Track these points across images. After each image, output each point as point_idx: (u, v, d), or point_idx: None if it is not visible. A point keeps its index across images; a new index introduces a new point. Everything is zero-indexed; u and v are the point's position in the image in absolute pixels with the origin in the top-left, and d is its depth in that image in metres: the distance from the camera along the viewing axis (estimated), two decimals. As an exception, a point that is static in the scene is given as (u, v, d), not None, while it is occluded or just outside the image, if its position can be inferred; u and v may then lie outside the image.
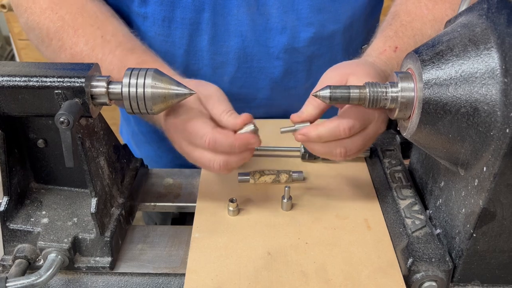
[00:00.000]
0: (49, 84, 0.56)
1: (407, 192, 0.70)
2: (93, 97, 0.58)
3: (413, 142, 0.59)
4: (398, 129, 0.62)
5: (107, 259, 0.64)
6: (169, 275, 0.64)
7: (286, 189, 0.70)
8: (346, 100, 0.59)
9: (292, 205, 0.72)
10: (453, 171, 0.59)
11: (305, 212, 0.71)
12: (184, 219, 1.05)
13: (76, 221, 0.64)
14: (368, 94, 0.58)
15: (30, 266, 0.62)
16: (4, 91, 0.56)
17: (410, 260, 0.60)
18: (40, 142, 0.63)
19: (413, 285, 0.60)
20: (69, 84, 0.56)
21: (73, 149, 0.55)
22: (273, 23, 0.85)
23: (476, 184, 0.54)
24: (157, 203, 0.78)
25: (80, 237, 0.63)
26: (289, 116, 0.66)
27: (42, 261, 0.62)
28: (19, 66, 0.58)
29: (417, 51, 0.55)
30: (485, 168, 0.52)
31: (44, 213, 0.65)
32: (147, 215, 1.23)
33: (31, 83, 0.56)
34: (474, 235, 0.56)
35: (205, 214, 0.71)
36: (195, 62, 0.89)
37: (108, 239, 0.63)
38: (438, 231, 0.63)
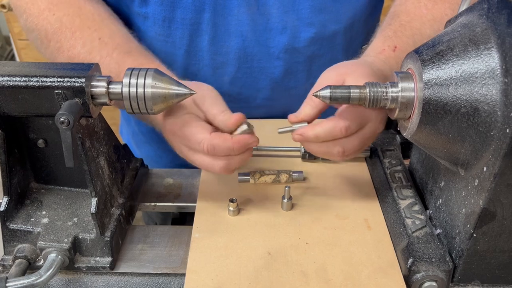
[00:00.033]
0: (49, 84, 0.56)
1: (407, 192, 0.70)
2: (93, 97, 0.58)
3: (413, 142, 0.59)
4: (398, 129, 0.62)
5: (107, 259, 0.64)
6: (169, 275, 0.64)
7: (286, 189, 0.70)
8: (347, 100, 0.59)
9: (292, 205, 0.72)
10: (453, 171, 0.59)
11: (305, 212, 0.71)
12: (184, 219, 1.05)
13: (76, 221, 0.64)
14: (368, 94, 0.58)
15: (30, 266, 0.62)
16: (4, 91, 0.56)
17: (410, 260, 0.60)
18: (40, 142, 0.63)
19: (413, 285, 0.60)
20: (69, 84, 0.56)
21: (73, 149, 0.55)
22: (273, 23, 0.85)
23: (476, 184, 0.54)
24: (157, 203, 0.78)
25: (80, 237, 0.63)
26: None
27: (42, 261, 0.62)
28: (19, 66, 0.58)
29: (417, 51, 0.55)
30: (485, 168, 0.52)
31: (44, 213, 0.65)
32: (147, 215, 1.23)
33: (31, 83, 0.56)
34: (474, 235, 0.56)
35: (205, 214, 0.71)
36: (195, 62, 0.89)
37: (108, 239, 0.63)
38: (438, 231, 0.63)
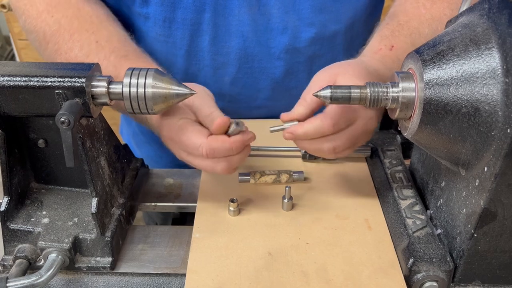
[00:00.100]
0: (49, 84, 0.56)
1: (408, 192, 0.70)
2: (93, 97, 0.58)
3: (414, 142, 0.59)
4: (398, 129, 0.62)
5: (107, 259, 0.64)
6: (169, 275, 0.64)
7: (286, 189, 0.70)
8: (347, 100, 0.59)
9: (293, 205, 0.72)
10: (454, 171, 0.59)
11: (306, 212, 0.71)
12: (184, 219, 1.05)
13: (76, 221, 0.64)
14: (369, 94, 0.58)
15: (30, 266, 0.62)
16: (4, 91, 0.56)
17: (411, 260, 0.60)
18: (40, 142, 0.63)
19: (414, 285, 0.60)
20: (69, 84, 0.56)
21: (74, 149, 0.55)
22: (274, 23, 0.85)
23: (477, 184, 0.54)
24: (157, 203, 0.77)
25: (81, 237, 0.63)
26: None
27: (42, 261, 0.62)
28: (19, 66, 0.58)
29: (418, 51, 0.55)
30: (486, 168, 0.52)
31: (44, 213, 0.65)
32: (147, 215, 1.23)
33: (31, 83, 0.56)
34: (475, 235, 0.56)
35: (205, 214, 0.71)
36: (196, 62, 0.89)
37: (109, 239, 0.63)
38: (439, 231, 0.63)
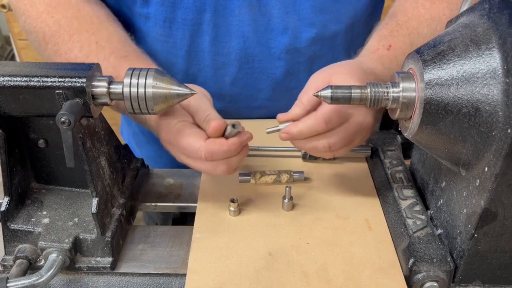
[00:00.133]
0: (50, 84, 0.56)
1: (408, 192, 0.70)
2: (94, 97, 0.58)
3: (415, 142, 0.59)
4: (399, 129, 0.62)
5: (108, 259, 0.64)
6: (170, 275, 0.64)
7: (287, 189, 0.70)
8: (348, 100, 0.59)
9: (293, 205, 0.72)
10: (454, 171, 0.59)
11: (306, 212, 0.71)
12: (185, 219, 1.05)
13: (77, 221, 0.64)
14: (369, 94, 0.58)
15: (31, 266, 0.62)
16: (5, 91, 0.56)
17: (411, 260, 0.60)
18: (41, 142, 0.63)
19: (415, 285, 0.60)
20: (70, 84, 0.56)
21: (74, 149, 0.55)
22: (274, 23, 0.85)
23: (477, 184, 0.54)
24: (158, 203, 0.77)
25: (81, 237, 0.63)
26: None
27: (43, 261, 0.62)
28: (20, 66, 0.58)
29: (418, 51, 0.55)
30: (486, 169, 0.52)
31: (45, 213, 0.65)
32: (147, 215, 1.23)
33: (32, 83, 0.56)
34: (476, 235, 0.56)
35: (206, 214, 0.71)
36: (196, 63, 0.89)
37: (109, 239, 0.63)
38: (440, 231, 0.63)
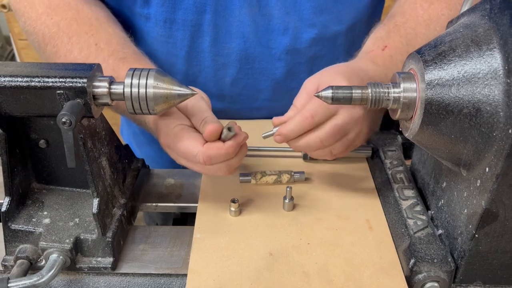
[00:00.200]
0: (51, 84, 0.56)
1: (409, 192, 0.70)
2: (95, 97, 0.58)
3: (415, 143, 0.59)
4: (400, 129, 0.62)
5: (108, 260, 0.64)
6: (171, 275, 0.64)
7: (287, 189, 0.70)
8: (348, 100, 0.59)
9: (294, 206, 0.72)
10: (455, 171, 0.59)
11: (307, 212, 0.71)
12: (185, 219, 1.05)
13: (77, 222, 0.64)
14: (370, 95, 0.58)
15: (31, 267, 0.62)
16: (6, 91, 0.56)
17: (412, 260, 0.60)
18: (41, 143, 0.63)
19: (415, 285, 0.60)
20: (71, 85, 0.56)
21: (75, 149, 0.55)
22: (275, 24, 0.85)
23: (478, 184, 0.54)
24: (158, 204, 0.77)
25: (82, 237, 0.63)
26: None
27: (43, 261, 0.62)
28: (21, 67, 0.58)
29: (419, 52, 0.55)
30: (487, 169, 0.52)
31: (45, 213, 0.65)
32: (148, 215, 1.23)
33: (33, 84, 0.56)
34: (476, 235, 0.56)
35: (206, 214, 0.71)
36: (196, 63, 0.89)
37: (110, 239, 0.63)
38: (440, 231, 0.63)
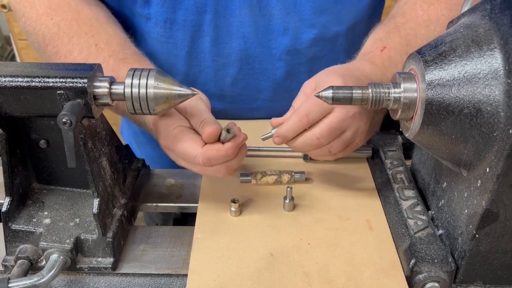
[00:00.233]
0: (51, 84, 0.56)
1: (409, 192, 0.70)
2: (95, 97, 0.58)
3: (416, 143, 0.59)
4: (400, 129, 0.62)
5: (109, 260, 0.64)
6: (171, 275, 0.64)
7: (288, 189, 0.70)
8: (349, 100, 0.59)
9: (294, 206, 0.72)
10: (455, 172, 0.59)
11: (307, 212, 0.71)
12: (185, 219, 1.05)
13: (78, 222, 0.64)
14: (370, 95, 0.58)
15: (32, 267, 0.62)
16: (6, 91, 0.56)
17: (413, 261, 0.60)
18: (42, 143, 0.63)
19: (416, 286, 0.60)
20: (71, 85, 0.56)
21: (76, 149, 0.55)
22: (275, 24, 0.85)
23: (479, 185, 0.54)
24: (159, 204, 0.77)
25: (82, 237, 0.63)
26: None
27: (44, 261, 0.62)
28: (21, 67, 0.58)
29: (420, 52, 0.55)
30: (488, 169, 0.52)
31: (46, 213, 0.65)
32: (148, 215, 1.23)
33: (33, 84, 0.56)
34: (477, 236, 0.56)
35: (207, 214, 0.71)
36: (197, 63, 0.89)
37: (110, 239, 0.63)
38: (441, 231, 0.63)
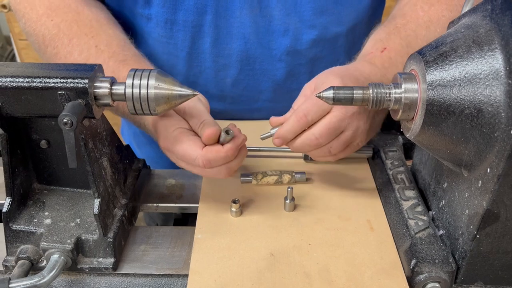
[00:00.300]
0: (52, 85, 0.56)
1: (410, 193, 0.70)
2: (96, 98, 0.58)
3: (417, 143, 0.59)
4: (401, 130, 0.62)
5: (110, 260, 0.64)
6: (172, 276, 0.64)
7: (288, 190, 0.70)
8: (350, 101, 0.59)
9: (295, 206, 0.72)
10: (456, 172, 0.59)
11: (308, 213, 0.71)
12: (186, 220, 1.05)
13: (79, 222, 0.64)
14: (371, 95, 0.58)
15: (33, 267, 0.62)
16: (7, 92, 0.56)
17: (413, 261, 0.60)
18: (43, 143, 0.63)
19: (416, 286, 0.60)
20: (72, 85, 0.56)
21: (76, 150, 0.55)
22: (275, 25, 0.85)
23: (479, 185, 0.54)
24: (159, 204, 0.77)
25: (83, 238, 0.63)
26: None
27: (45, 262, 0.62)
28: (22, 67, 0.58)
29: (420, 52, 0.55)
30: (488, 170, 0.52)
31: (47, 214, 0.65)
32: (148, 216, 1.23)
33: (34, 84, 0.56)
34: (478, 236, 0.56)
35: (207, 215, 0.71)
36: (197, 64, 0.89)
37: (111, 240, 0.63)
38: (441, 232, 0.63)
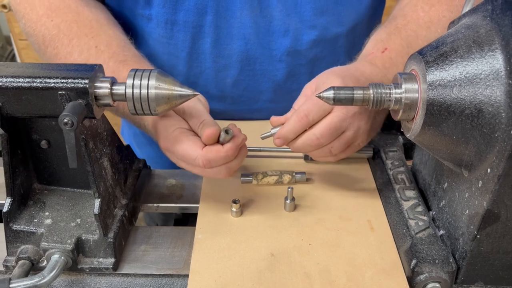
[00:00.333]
0: (52, 85, 0.56)
1: (410, 193, 0.70)
2: (96, 98, 0.58)
3: (417, 144, 0.59)
4: (401, 130, 0.62)
5: (110, 260, 0.64)
6: (172, 276, 0.64)
7: (289, 190, 0.70)
8: (350, 101, 0.59)
9: (295, 206, 0.72)
10: (456, 172, 0.59)
11: (308, 213, 0.71)
12: (186, 220, 1.05)
13: (79, 222, 0.64)
14: (372, 95, 0.58)
15: (33, 267, 0.62)
16: (7, 92, 0.56)
17: (414, 261, 0.60)
18: (43, 143, 0.63)
19: (417, 286, 0.60)
20: (72, 85, 0.56)
21: (77, 150, 0.55)
22: (276, 25, 0.85)
23: (480, 185, 0.54)
24: (160, 204, 0.78)
25: (84, 238, 0.63)
26: None
27: (45, 262, 0.62)
28: (22, 67, 0.58)
29: (421, 52, 0.55)
30: (489, 170, 0.52)
31: (47, 214, 0.65)
32: (148, 216, 1.23)
33: (34, 84, 0.56)
34: (478, 236, 0.56)
35: (208, 215, 0.71)
36: (197, 64, 0.89)
37: (111, 240, 0.63)
38: (442, 232, 0.63)
